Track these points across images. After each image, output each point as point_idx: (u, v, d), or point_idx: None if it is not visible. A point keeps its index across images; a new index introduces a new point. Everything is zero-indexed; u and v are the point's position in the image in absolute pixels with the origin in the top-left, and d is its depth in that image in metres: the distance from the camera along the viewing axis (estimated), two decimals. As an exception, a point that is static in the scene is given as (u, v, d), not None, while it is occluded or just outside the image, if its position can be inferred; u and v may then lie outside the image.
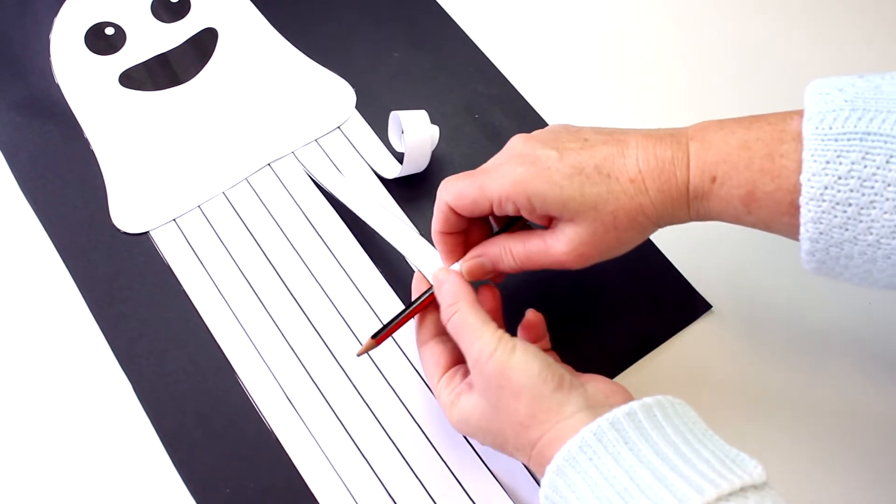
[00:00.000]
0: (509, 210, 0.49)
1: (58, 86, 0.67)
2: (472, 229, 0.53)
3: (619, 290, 0.60)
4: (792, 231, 0.45)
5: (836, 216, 0.43)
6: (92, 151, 0.64)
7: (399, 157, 0.63)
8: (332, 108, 0.66)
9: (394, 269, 0.60)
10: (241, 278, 0.60)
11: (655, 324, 0.59)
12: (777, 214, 0.45)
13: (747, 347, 0.58)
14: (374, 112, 0.66)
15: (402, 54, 0.69)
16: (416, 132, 0.60)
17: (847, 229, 0.43)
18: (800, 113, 0.45)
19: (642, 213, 0.47)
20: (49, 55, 0.68)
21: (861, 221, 0.42)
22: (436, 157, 0.63)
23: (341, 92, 0.67)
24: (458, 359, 0.51)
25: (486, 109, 0.66)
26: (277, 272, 0.60)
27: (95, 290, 0.59)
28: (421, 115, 0.61)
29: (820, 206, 0.43)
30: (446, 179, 0.51)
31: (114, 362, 0.57)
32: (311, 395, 0.56)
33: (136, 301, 0.59)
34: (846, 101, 0.43)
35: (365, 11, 0.71)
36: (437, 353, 0.51)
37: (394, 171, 0.62)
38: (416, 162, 0.61)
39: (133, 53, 0.68)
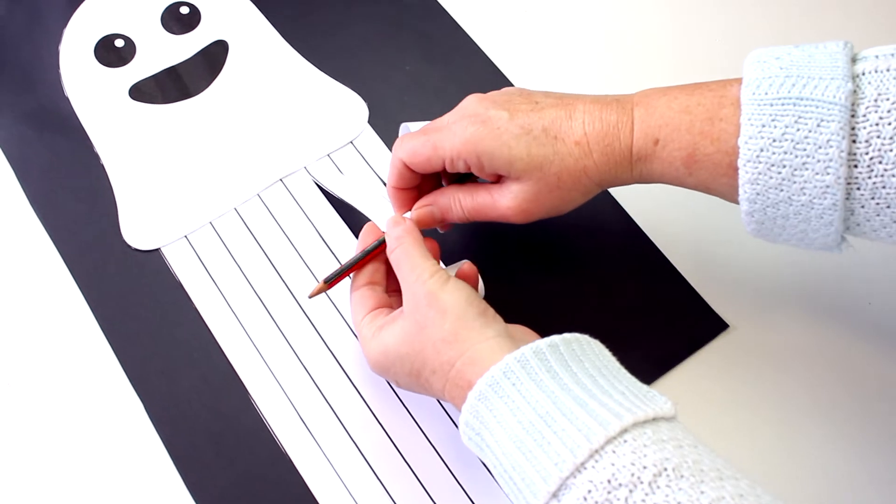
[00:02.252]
0: (460, 167, 0.52)
1: (67, 99, 0.66)
2: (424, 185, 0.56)
3: (635, 309, 0.59)
4: (731, 192, 0.48)
5: (771, 177, 0.45)
6: (102, 166, 0.63)
7: None
8: (344, 122, 0.66)
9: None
10: (252, 296, 0.59)
11: (672, 343, 0.58)
12: (716, 176, 0.48)
13: (765, 366, 0.58)
14: (387, 126, 0.65)
15: (415, 67, 0.68)
16: None
17: (782, 190, 0.45)
18: (739, 80, 0.47)
19: (585, 175, 0.50)
20: (58, 67, 0.67)
21: (794, 182, 0.45)
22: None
23: (354, 106, 0.66)
24: (384, 304, 0.53)
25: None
26: (290, 290, 0.59)
27: (106, 308, 0.59)
28: None
29: (756, 168, 0.45)
30: (401, 137, 0.54)
31: (125, 381, 0.56)
32: (324, 416, 0.55)
33: (148, 319, 0.58)
34: (781, 68, 0.46)
35: (376, 24, 0.70)
36: (366, 297, 0.53)
37: None
38: None
39: (143, 66, 0.67)
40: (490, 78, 0.68)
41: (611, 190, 0.63)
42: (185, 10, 0.70)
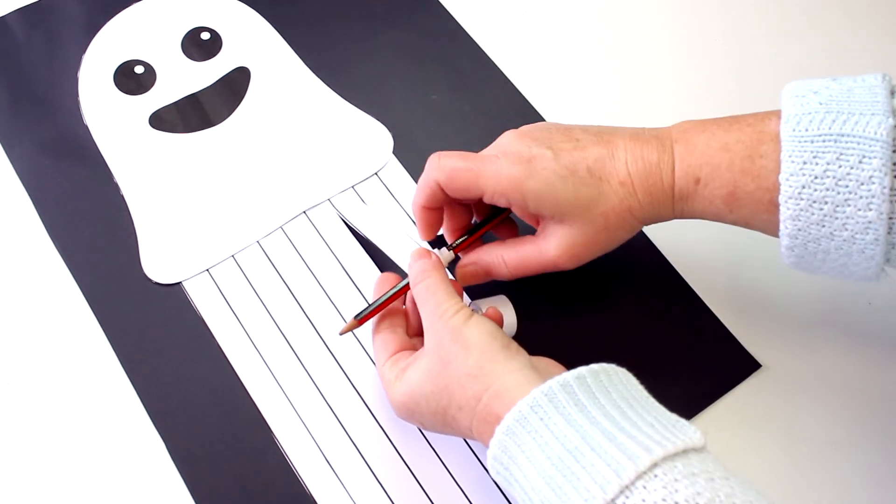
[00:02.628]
0: (500, 203, 0.51)
1: (86, 127, 0.65)
2: (451, 206, 0.55)
3: (666, 349, 0.58)
4: (772, 227, 0.48)
5: (813, 213, 0.45)
6: (122, 196, 0.62)
7: None
8: (369, 152, 0.64)
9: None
10: (276, 332, 0.58)
11: (703, 384, 0.57)
12: (757, 212, 0.48)
13: (799, 407, 0.57)
14: (412, 157, 0.64)
15: (441, 96, 0.67)
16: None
17: (824, 226, 0.46)
18: (777, 114, 0.47)
19: (631, 214, 0.50)
20: (77, 94, 0.66)
21: (837, 218, 0.45)
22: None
23: (378, 136, 0.65)
24: (407, 346, 0.52)
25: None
26: (314, 326, 0.58)
27: (127, 344, 0.57)
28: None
29: (798, 204, 0.46)
30: (438, 155, 0.53)
31: (146, 420, 0.55)
32: (350, 457, 0.54)
33: (169, 356, 0.57)
34: (821, 103, 0.46)
35: (401, 52, 0.69)
36: (388, 340, 0.52)
37: None
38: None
39: (163, 93, 0.66)
40: (517, 107, 0.66)
41: (644, 228, 0.62)
42: (205, 35, 0.69)
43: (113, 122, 0.65)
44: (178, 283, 0.59)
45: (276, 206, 0.62)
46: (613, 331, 0.59)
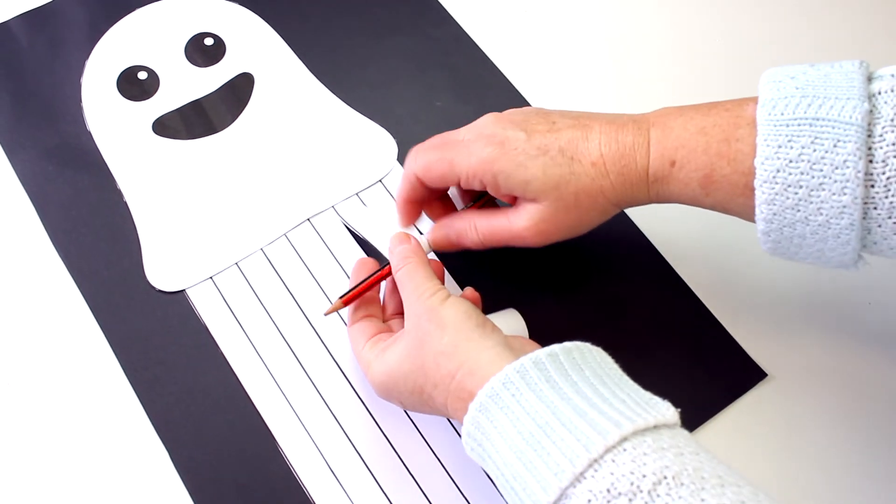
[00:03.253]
0: (476, 186, 0.52)
1: (89, 133, 0.65)
2: (431, 199, 0.57)
3: (671, 358, 0.58)
4: (747, 212, 0.48)
5: (788, 197, 0.45)
6: (125, 203, 0.62)
7: None
8: (373, 159, 0.64)
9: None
10: (280, 340, 0.57)
11: (709, 393, 0.57)
12: (733, 196, 0.48)
13: (805, 416, 0.56)
14: (417, 164, 0.64)
15: (445, 103, 0.67)
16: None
17: (798, 210, 0.46)
18: (755, 100, 0.47)
19: (602, 195, 0.50)
20: (80, 100, 0.66)
21: (811, 202, 0.45)
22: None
23: (383, 143, 0.65)
24: (384, 330, 0.53)
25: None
26: (318, 334, 0.58)
27: (130, 352, 0.57)
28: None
29: (773, 188, 0.46)
30: (415, 149, 0.54)
31: (150, 428, 0.55)
32: (354, 465, 0.54)
33: (172, 364, 0.57)
34: (797, 88, 0.46)
35: (406, 58, 0.68)
36: (364, 327, 0.53)
37: None
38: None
39: (167, 99, 0.66)
40: (521, 114, 0.66)
41: (648, 236, 0.62)
42: (209, 41, 0.69)
43: (116, 128, 0.65)
44: (182, 291, 0.59)
45: (280, 213, 0.62)
46: (618, 339, 0.58)
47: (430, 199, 0.57)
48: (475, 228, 0.54)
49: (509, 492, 0.42)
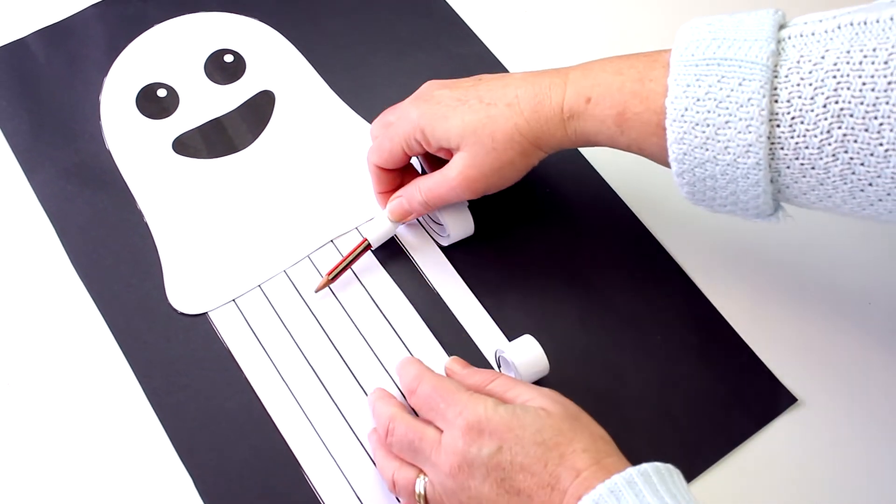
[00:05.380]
0: (416, 150, 0.56)
1: (109, 152, 0.64)
2: (404, 181, 0.59)
3: (701, 384, 0.57)
4: (661, 153, 0.49)
5: (696, 136, 0.47)
6: (146, 224, 0.61)
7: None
8: (396, 179, 0.63)
9: (463, 352, 0.57)
10: (304, 364, 0.57)
11: (739, 418, 0.56)
12: (646, 135, 0.49)
13: (837, 442, 0.56)
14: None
15: (468, 122, 0.66)
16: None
17: (707, 149, 0.47)
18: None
19: (518, 132, 0.52)
20: (99, 118, 0.65)
21: (718, 141, 0.46)
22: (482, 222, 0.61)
23: (405, 162, 0.64)
24: None
25: (557, 183, 0.63)
26: (342, 357, 0.57)
27: (153, 377, 0.56)
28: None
29: (682, 127, 0.47)
30: (372, 124, 0.60)
31: (173, 455, 0.54)
32: (382, 493, 0.53)
33: (196, 389, 0.56)
34: (710, 32, 0.47)
35: (428, 75, 0.67)
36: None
37: (447, 238, 0.60)
38: (464, 230, 0.60)
39: (187, 118, 0.65)
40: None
41: (673, 255, 0.61)
42: (229, 58, 0.68)
43: (136, 146, 0.64)
44: (204, 314, 0.58)
45: (303, 234, 0.61)
46: (642, 363, 0.58)
47: (404, 181, 0.59)
48: (419, 190, 0.56)
49: None
